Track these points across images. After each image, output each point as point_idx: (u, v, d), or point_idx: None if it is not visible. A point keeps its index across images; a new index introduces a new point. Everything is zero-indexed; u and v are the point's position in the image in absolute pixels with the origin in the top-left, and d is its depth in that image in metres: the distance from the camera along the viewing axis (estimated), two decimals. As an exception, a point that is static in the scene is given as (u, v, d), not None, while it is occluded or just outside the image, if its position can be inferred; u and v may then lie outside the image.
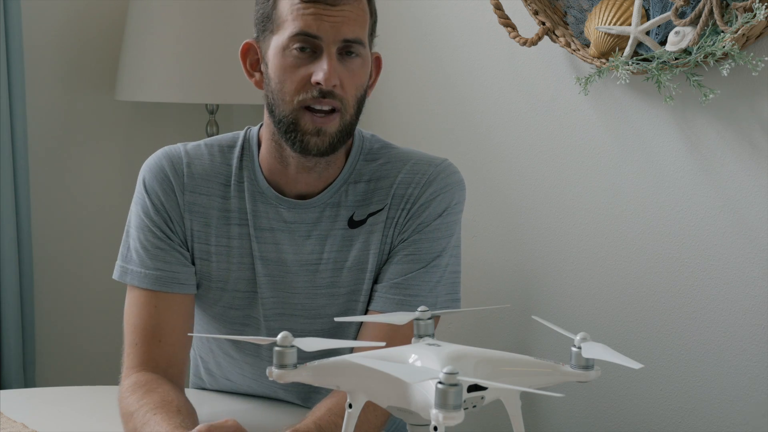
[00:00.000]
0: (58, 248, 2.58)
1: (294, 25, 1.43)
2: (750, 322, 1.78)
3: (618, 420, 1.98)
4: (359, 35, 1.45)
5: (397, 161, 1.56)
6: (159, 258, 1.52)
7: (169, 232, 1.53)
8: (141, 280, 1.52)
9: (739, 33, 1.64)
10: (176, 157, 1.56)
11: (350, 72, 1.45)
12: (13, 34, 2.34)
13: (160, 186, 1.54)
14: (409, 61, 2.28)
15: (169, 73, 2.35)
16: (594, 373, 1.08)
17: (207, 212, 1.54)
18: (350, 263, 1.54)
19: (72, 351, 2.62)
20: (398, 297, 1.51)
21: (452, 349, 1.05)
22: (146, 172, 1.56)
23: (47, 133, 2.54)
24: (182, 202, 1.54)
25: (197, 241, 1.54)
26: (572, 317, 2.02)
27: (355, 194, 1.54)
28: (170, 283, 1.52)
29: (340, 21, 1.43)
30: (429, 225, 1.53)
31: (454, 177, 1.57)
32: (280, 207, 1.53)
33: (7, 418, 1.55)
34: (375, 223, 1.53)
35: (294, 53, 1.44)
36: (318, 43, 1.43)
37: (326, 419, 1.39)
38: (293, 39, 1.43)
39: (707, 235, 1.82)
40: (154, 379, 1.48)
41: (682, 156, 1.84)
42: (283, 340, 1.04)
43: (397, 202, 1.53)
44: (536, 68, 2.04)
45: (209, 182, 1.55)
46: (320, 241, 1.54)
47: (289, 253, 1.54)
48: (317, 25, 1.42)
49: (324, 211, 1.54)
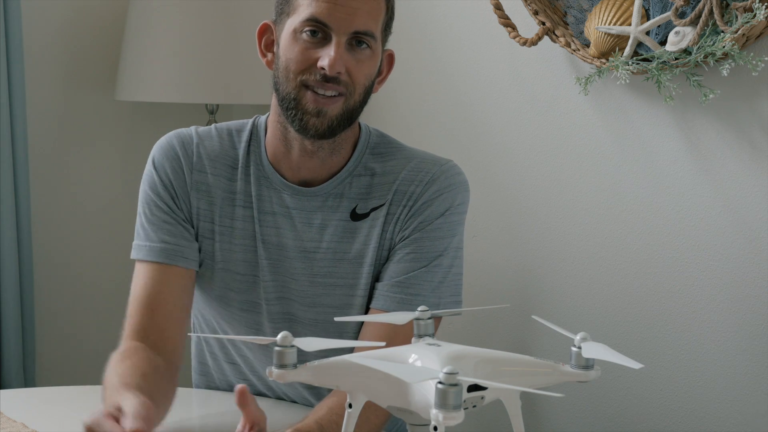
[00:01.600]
0: (58, 248, 2.58)
1: (308, 10, 1.45)
2: (750, 322, 1.78)
3: (618, 420, 1.98)
4: (371, 28, 1.46)
5: (402, 158, 1.57)
6: (164, 230, 1.55)
7: (174, 208, 1.56)
8: (145, 254, 1.55)
9: (739, 33, 1.64)
10: (187, 137, 1.59)
11: (358, 61, 1.47)
12: (13, 34, 2.34)
13: (170, 163, 1.57)
14: (409, 61, 2.27)
15: (169, 73, 2.35)
16: (594, 373, 1.08)
17: (213, 191, 1.57)
18: (351, 255, 1.55)
19: (72, 351, 2.62)
20: (400, 296, 1.52)
21: (452, 349, 1.05)
22: (156, 150, 1.59)
23: (47, 133, 2.54)
24: (190, 180, 1.57)
25: (203, 219, 1.57)
26: (572, 317, 2.02)
27: (359, 187, 1.55)
28: (173, 255, 1.54)
29: (353, 12, 1.44)
30: (431, 223, 1.53)
31: (458, 178, 1.58)
32: (283, 192, 1.55)
33: (6, 418, 1.55)
34: (376, 218, 1.54)
35: (305, 36, 1.46)
36: (328, 31, 1.45)
37: (327, 418, 1.39)
38: (305, 23, 1.45)
39: (707, 235, 1.82)
40: (134, 348, 1.48)
41: (682, 156, 1.84)
42: (283, 340, 1.04)
43: (399, 198, 1.54)
44: (536, 68, 2.04)
45: (217, 163, 1.57)
46: (320, 229, 1.55)
47: (289, 238, 1.55)
48: (330, 13, 1.44)
49: (327, 200, 1.55)
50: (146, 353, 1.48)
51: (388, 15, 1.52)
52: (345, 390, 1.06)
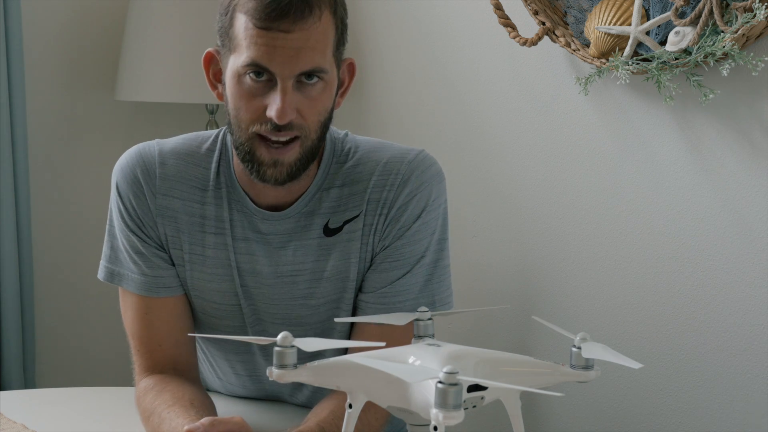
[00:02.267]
0: (58, 248, 2.58)
1: (247, 53, 1.34)
2: (750, 322, 1.78)
3: (618, 420, 1.98)
4: (318, 64, 1.35)
5: (369, 161, 1.48)
6: (141, 263, 1.50)
7: (145, 237, 1.49)
8: (129, 284, 1.51)
9: (739, 33, 1.64)
10: (149, 158, 1.50)
11: (310, 99, 1.36)
12: (13, 34, 2.34)
13: (131, 190, 1.49)
14: (408, 61, 2.27)
15: (169, 73, 2.35)
16: (594, 373, 1.08)
17: (179, 217, 1.49)
18: (329, 273, 1.48)
19: (72, 351, 2.62)
20: (386, 306, 1.47)
21: (452, 349, 1.05)
22: (118, 174, 1.50)
23: (47, 133, 2.54)
24: (154, 207, 1.49)
25: (171, 246, 1.50)
26: (572, 317, 2.02)
27: (329, 200, 1.48)
28: (157, 288, 1.50)
29: (295, 52, 1.33)
30: (409, 228, 1.47)
31: (429, 171, 1.49)
32: (254, 217, 1.48)
33: (7, 419, 1.55)
34: (352, 231, 1.47)
35: (248, 81, 1.36)
36: (272, 74, 1.34)
37: (329, 421, 1.39)
38: (247, 67, 1.35)
39: (707, 235, 1.82)
40: (163, 379, 1.48)
41: (682, 156, 1.84)
42: (283, 340, 1.04)
43: (373, 207, 1.47)
44: (536, 68, 2.04)
45: (184, 185, 1.49)
46: (295, 251, 1.48)
47: (264, 264, 1.49)
48: (270, 57, 1.32)
49: (299, 221, 1.48)
50: (178, 381, 1.48)
51: (339, 31, 1.39)
52: (345, 390, 1.06)
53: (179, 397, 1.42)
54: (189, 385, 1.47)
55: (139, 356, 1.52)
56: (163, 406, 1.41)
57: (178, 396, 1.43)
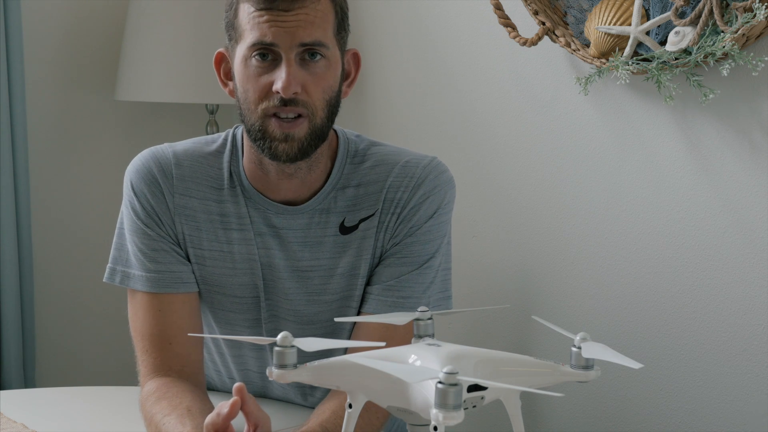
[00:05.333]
0: (58, 248, 2.58)
1: (251, 36, 1.41)
2: (750, 322, 1.78)
3: (618, 420, 1.98)
4: (318, 37, 1.42)
5: (385, 164, 1.54)
6: (157, 260, 1.52)
7: (162, 233, 1.52)
8: (143, 284, 1.52)
9: (739, 33, 1.64)
10: (164, 159, 1.54)
11: (314, 75, 1.42)
12: (13, 34, 2.34)
13: (149, 188, 1.52)
14: (408, 61, 2.28)
15: (169, 73, 2.36)
16: (594, 373, 1.08)
17: (198, 216, 1.53)
18: (342, 269, 1.53)
19: (72, 351, 2.62)
20: (391, 299, 1.51)
21: (452, 349, 1.05)
22: (133, 174, 1.54)
23: (47, 133, 2.54)
24: (172, 206, 1.52)
25: (190, 244, 1.53)
26: (572, 317, 2.02)
27: (345, 199, 1.53)
28: (173, 283, 1.52)
29: (295, 25, 1.40)
30: (420, 227, 1.52)
31: (443, 176, 1.55)
32: (268, 212, 1.52)
33: (7, 419, 1.55)
34: (367, 229, 1.52)
35: (254, 62, 1.43)
36: (277, 50, 1.41)
37: (331, 422, 1.39)
38: (252, 49, 1.42)
39: (707, 235, 1.82)
40: (167, 383, 1.48)
41: (682, 156, 1.84)
42: (283, 340, 1.04)
43: (388, 206, 1.52)
44: (536, 68, 2.04)
45: (200, 185, 1.53)
46: (312, 248, 1.52)
47: (280, 258, 1.53)
48: (272, 32, 1.40)
49: (313, 217, 1.52)
50: (182, 386, 1.48)
51: (339, 16, 1.46)
52: (345, 390, 1.07)
53: (176, 405, 1.42)
54: (189, 392, 1.47)
55: (147, 356, 1.52)
56: (160, 415, 1.42)
57: (176, 404, 1.43)
